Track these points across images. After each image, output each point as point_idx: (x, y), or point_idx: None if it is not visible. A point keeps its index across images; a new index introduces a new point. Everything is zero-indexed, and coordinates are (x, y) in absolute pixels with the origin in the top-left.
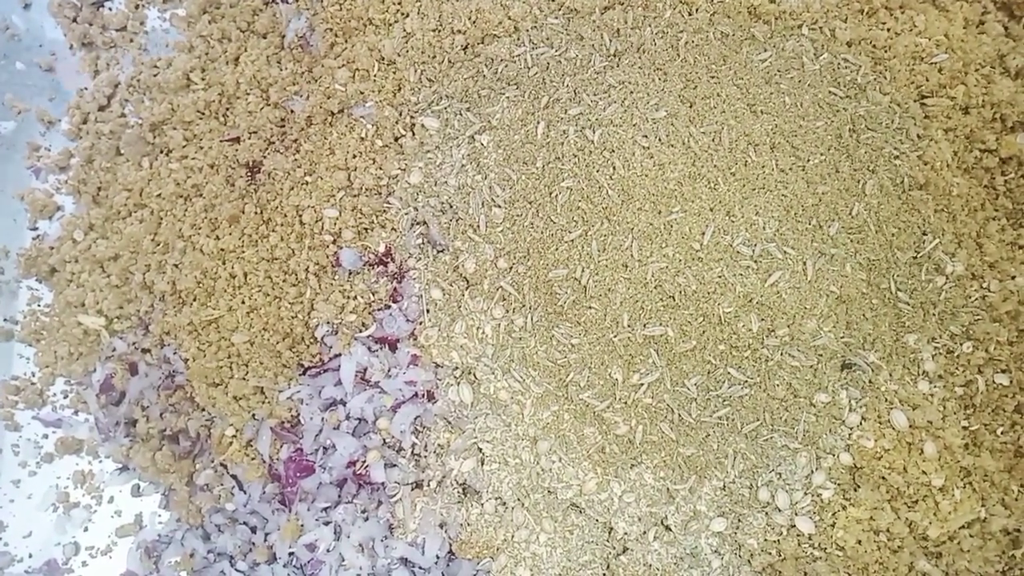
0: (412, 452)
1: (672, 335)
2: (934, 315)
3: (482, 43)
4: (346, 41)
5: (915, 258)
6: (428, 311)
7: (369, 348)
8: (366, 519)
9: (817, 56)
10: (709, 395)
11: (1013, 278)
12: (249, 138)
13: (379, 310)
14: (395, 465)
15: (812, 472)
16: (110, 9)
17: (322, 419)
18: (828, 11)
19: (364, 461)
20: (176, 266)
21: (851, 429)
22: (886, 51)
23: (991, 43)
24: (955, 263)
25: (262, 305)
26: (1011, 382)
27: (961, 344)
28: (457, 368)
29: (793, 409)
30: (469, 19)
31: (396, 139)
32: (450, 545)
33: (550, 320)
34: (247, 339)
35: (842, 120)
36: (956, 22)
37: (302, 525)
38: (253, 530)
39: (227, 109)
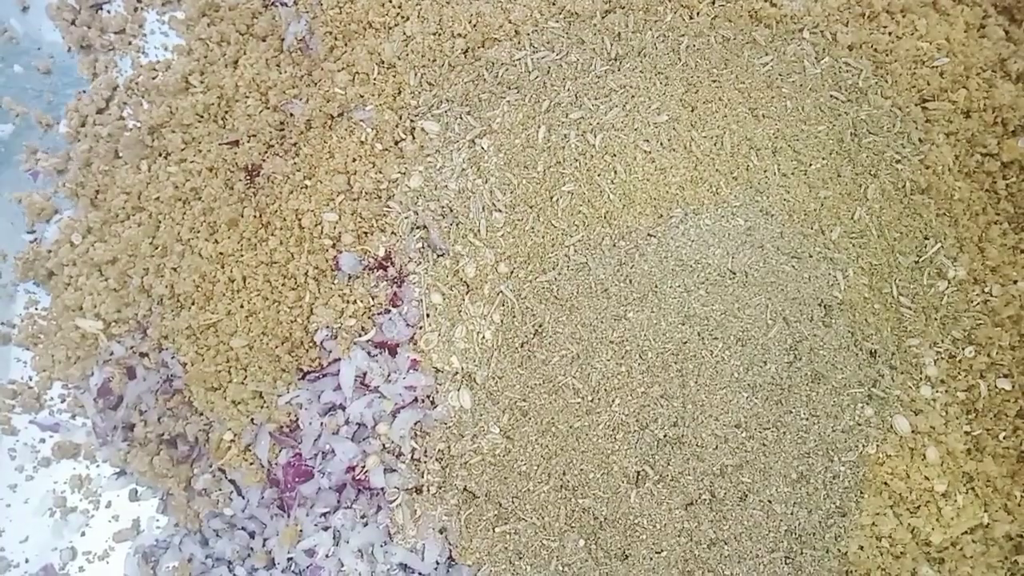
0: (412, 457)
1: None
2: (936, 320)
3: (482, 47)
4: (346, 44)
5: (917, 262)
6: (428, 316)
7: (369, 353)
8: (365, 524)
9: (818, 60)
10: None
11: (1015, 282)
12: (248, 141)
13: (379, 314)
14: (395, 470)
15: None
16: (108, 12)
17: (321, 424)
18: (829, 15)
19: (363, 466)
20: (175, 270)
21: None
22: (887, 55)
23: (992, 47)
24: (957, 267)
25: (261, 309)
26: (1013, 387)
27: (963, 349)
28: (457, 373)
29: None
30: (469, 23)
31: (396, 143)
32: (450, 551)
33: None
34: (246, 343)
35: (843, 124)
36: (957, 26)
37: (301, 530)
38: (252, 535)
39: (226, 112)
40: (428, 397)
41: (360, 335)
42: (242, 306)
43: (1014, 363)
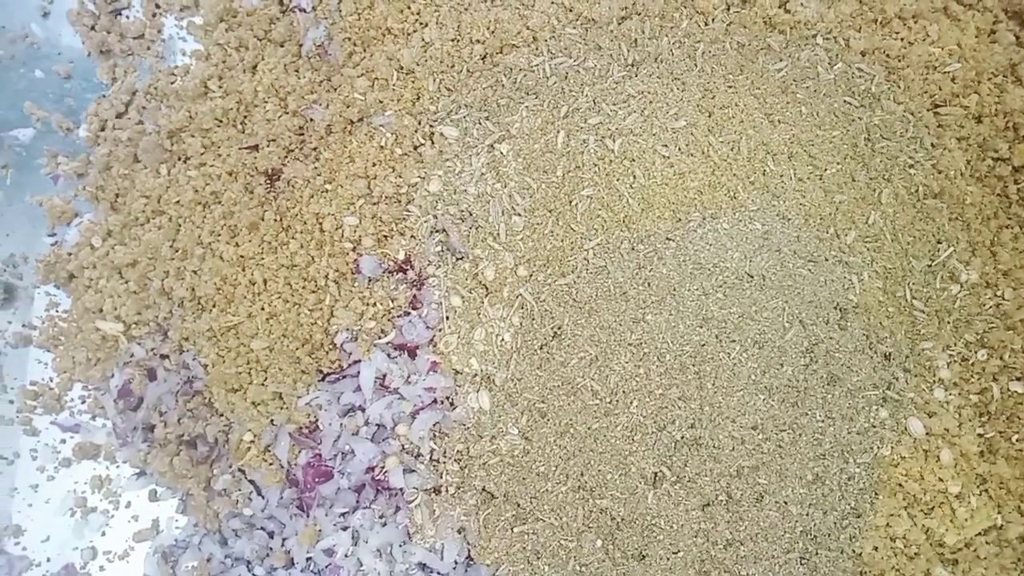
0: (431, 458)
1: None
2: (949, 323)
3: (501, 53)
4: (364, 50)
5: (930, 266)
6: (447, 318)
7: (388, 355)
8: (384, 524)
9: (832, 65)
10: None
11: None
12: (268, 146)
13: (399, 317)
14: (413, 471)
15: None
16: (128, 17)
17: (341, 425)
18: (842, 21)
19: (383, 467)
20: (195, 272)
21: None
22: (900, 60)
23: (1003, 52)
24: (969, 271)
25: (282, 311)
26: None
27: (976, 352)
28: (476, 375)
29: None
30: (487, 29)
31: (415, 148)
32: (469, 551)
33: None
34: (266, 345)
35: (857, 129)
36: (968, 32)
37: (320, 530)
38: (271, 535)
39: (245, 117)
40: (447, 398)
41: (380, 337)
42: (263, 308)
43: None
